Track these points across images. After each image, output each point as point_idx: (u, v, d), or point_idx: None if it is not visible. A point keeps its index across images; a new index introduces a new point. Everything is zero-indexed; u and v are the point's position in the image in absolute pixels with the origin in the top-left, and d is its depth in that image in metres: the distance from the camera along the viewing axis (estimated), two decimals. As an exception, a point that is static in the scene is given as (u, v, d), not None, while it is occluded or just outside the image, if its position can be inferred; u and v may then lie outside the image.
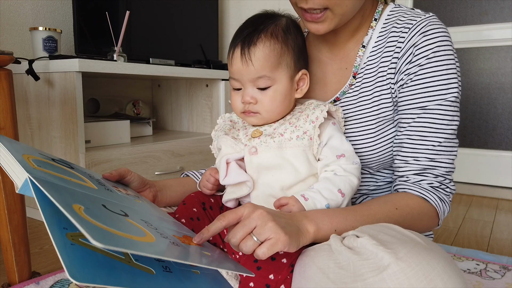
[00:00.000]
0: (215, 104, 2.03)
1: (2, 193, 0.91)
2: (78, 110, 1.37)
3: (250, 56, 0.67)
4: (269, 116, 0.71)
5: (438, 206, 0.71)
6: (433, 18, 0.72)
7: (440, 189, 0.72)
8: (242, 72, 0.69)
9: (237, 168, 0.69)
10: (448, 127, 0.71)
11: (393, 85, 0.74)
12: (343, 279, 0.51)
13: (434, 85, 0.70)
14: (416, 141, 0.71)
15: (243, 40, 0.68)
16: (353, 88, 0.77)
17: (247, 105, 0.70)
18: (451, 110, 0.71)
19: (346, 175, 0.67)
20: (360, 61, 0.77)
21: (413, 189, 0.71)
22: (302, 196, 0.64)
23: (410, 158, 0.72)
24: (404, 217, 0.67)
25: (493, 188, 2.02)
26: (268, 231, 0.53)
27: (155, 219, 0.57)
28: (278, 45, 0.69)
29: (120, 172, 0.72)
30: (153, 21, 2.01)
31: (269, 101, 0.69)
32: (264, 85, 0.69)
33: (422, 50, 0.70)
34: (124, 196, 0.62)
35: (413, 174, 0.72)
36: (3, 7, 1.66)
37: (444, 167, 0.72)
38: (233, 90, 0.73)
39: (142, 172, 1.59)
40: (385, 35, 0.76)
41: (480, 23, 2.03)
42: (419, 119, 0.71)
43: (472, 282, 1.02)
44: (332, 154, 0.68)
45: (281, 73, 0.70)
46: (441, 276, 0.47)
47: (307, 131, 0.67)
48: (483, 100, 2.06)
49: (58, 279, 0.98)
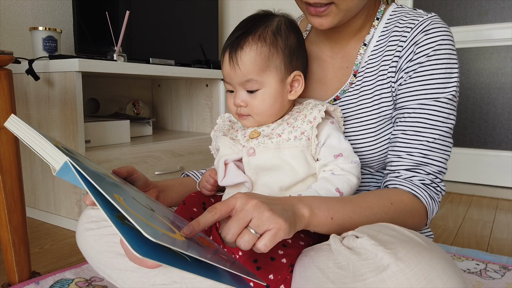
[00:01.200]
0: (215, 104, 2.03)
1: (2, 193, 0.91)
2: (78, 110, 1.37)
3: (237, 60, 0.67)
4: (260, 119, 0.71)
5: (428, 204, 0.70)
6: (436, 18, 0.72)
7: (431, 187, 0.71)
8: (231, 76, 0.69)
9: (236, 169, 0.69)
10: (444, 124, 0.70)
11: (394, 83, 0.73)
12: (343, 279, 0.51)
13: (433, 82, 0.70)
14: (411, 136, 0.71)
15: (231, 44, 0.69)
16: (354, 87, 0.77)
17: (238, 108, 0.71)
18: (448, 108, 0.70)
19: (344, 174, 0.67)
20: (361, 59, 0.77)
21: (405, 185, 0.70)
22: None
23: (403, 152, 0.71)
24: (399, 212, 0.67)
25: (493, 188, 2.02)
26: (266, 222, 0.50)
27: (171, 215, 0.57)
28: (265, 48, 0.68)
29: (128, 169, 0.72)
30: (153, 21, 2.01)
31: (259, 104, 0.69)
32: (253, 88, 0.69)
33: (423, 48, 0.70)
34: (138, 192, 0.63)
35: (405, 170, 0.71)
36: (3, 7, 1.66)
37: (437, 165, 0.71)
38: (228, 92, 0.74)
39: (142, 172, 1.59)
40: (387, 34, 0.76)
41: (480, 23, 2.03)
42: (415, 114, 0.71)
43: (472, 282, 1.02)
44: (330, 154, 0.68)
45: (269, 76, 0.69)
46: (441, 276, 0.47)
47: (304, 131, 0.67)
48: (483, 100, 2.06)
49: (58, 279, 0.98)
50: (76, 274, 1.01)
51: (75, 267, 1.05)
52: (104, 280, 0.98)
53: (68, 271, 1.02)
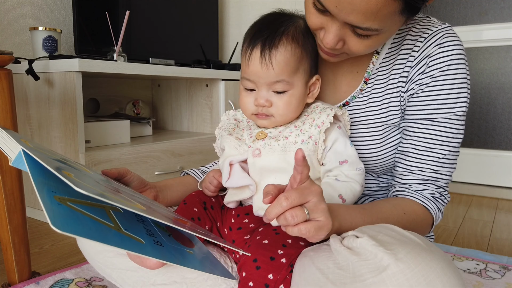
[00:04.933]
0: (215, 104, 2.03)
1: (2, 193, 0.91)
2: (78, 110, 1.37)
3: (271, 59, 0.65)
4: (282, 120, 0.70)
5: (436, 215, 0.72)
6: (449, 30, 0.71)
7: (440, 200, 0.73)
8: (260, 74, 0.67)
9: (241, 171, 0.69)
10: (454, 140, 0.71)
11: (403, 93, 0.73)
12: (343, 279, 0.51)
13: (445, 98, 0.70)
14: (422, 151, 0.72)
15: (263, 41, 0.66)
16: (363, 94, 0.77)
17: (260, 107, 0.69)
18: (458, 124, 0.71)
19: (348, 181, 0.67)
20: (373, 67, 0.76)
21: (416, 197, 0.72)
22: None
23: (414, 168, 0.73)
24: (411, 222, 0.68)
25: (493, 188, 2.02)
26: (320, 212, 0.52)
27: (157, 207, 0.57)
28: (298, 50, 0.67)
29: (120, 171, 0.72)
30: (153, 21, 2.01)
31: (284, 105, 0.68)
32: (281, 89, 0.67)
33: (437, 62, 0.70)
34: (134, 193, 0.62)
35: (416, 183, 0.73)
36: (3, 7, 1.66)
37: (445, 179, 0.73)
38: (244, 90, 0.71)
39: (142, 172, 1.59)
40: (399, 42, 0.75)
41: (480, 23, 2.03)
42: (426, 130, 0.71)
43: (472, 282, 1.02)
44: (335, 159, 0.67)
45: (298, 78, 0.68)
46: (440, 277, 0.47)
47: (312, 136, 0.67)
48: (483, 100, 2.06)
49: (58, 279, 0.98)
50: (76, 274, 1.01)
51: (75, 267, 1.05)
52: (104, 280, 0.98)
53: (68, 271, 1.02)
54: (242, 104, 0.72)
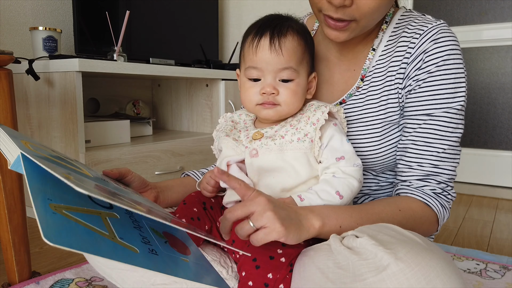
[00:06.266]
0: (215, 104, 2.03)
1: (2, 193, 0.91)
2: (78, 110, 1.37)
3: (280, 46, 0.67)
4: (288, 109, 0.70)
5: (439, 212, 0.71)
6: (444, 26, 0.72)
7: (442, 196, 0.72)
8: (269, 61, 0.67)
9: (238, 171, 0.69)
10: (453, 134, 0.71)
11: (401, 90, 0.74)
12: (343, 279, 0.51)
13: (442, 92, 0.70)
14: (421, 147, 0.72)
15: (272, 30, 0.68)
16: (360, 91, 0.77)
17: (267, 96, 0.68)
18: (457, 118, 0.71)
19: (346, 177, 0.67)
20: (369, 64, 0.77)
21: (416, 194, 0.71)
22: (298, 197, 0.64)
23: (414, 163, 0.72)
24: (407, 219, 0.68)
25: (493, 188, 2.02)
26: (265, 219, 0.53)
27: (157, 210, 0.57)
28: (302, 42, 0.70)
29: (121, 171, 0.72)
30: (153, 21, 2.01)
31: (291, 94, 0.69)
32: (288, 77, 0.68)
33: (432, 57, 0.70)
34: (121, 188, 0.62)
35: (416, 180, 0.72)
36: (3, 7, 1.66)
37: (447, 174, 0.72)
38: (248, 81, 0.71)
39: (142, 172, 1.59)
40: (395, 39, 0.75)
41: (480, 23, 2.03)
42: (425, 125, 0.71)
43: (472, 282, 1.02)
44: (332, 156, 0.67)
45: (303, 69, 0.70)
46: (440, 277, 0.47)
47: (308, 133, 0.67)
48: (483, 100, 2.06)
49: (58, 279, 0.98)
50: (76, 274, 1.01)
51: (75, 267, 1.05)
52: (104, 280, 0.98)
53: (68, 271, 1.02)
54: (245, 95, 0.71)
